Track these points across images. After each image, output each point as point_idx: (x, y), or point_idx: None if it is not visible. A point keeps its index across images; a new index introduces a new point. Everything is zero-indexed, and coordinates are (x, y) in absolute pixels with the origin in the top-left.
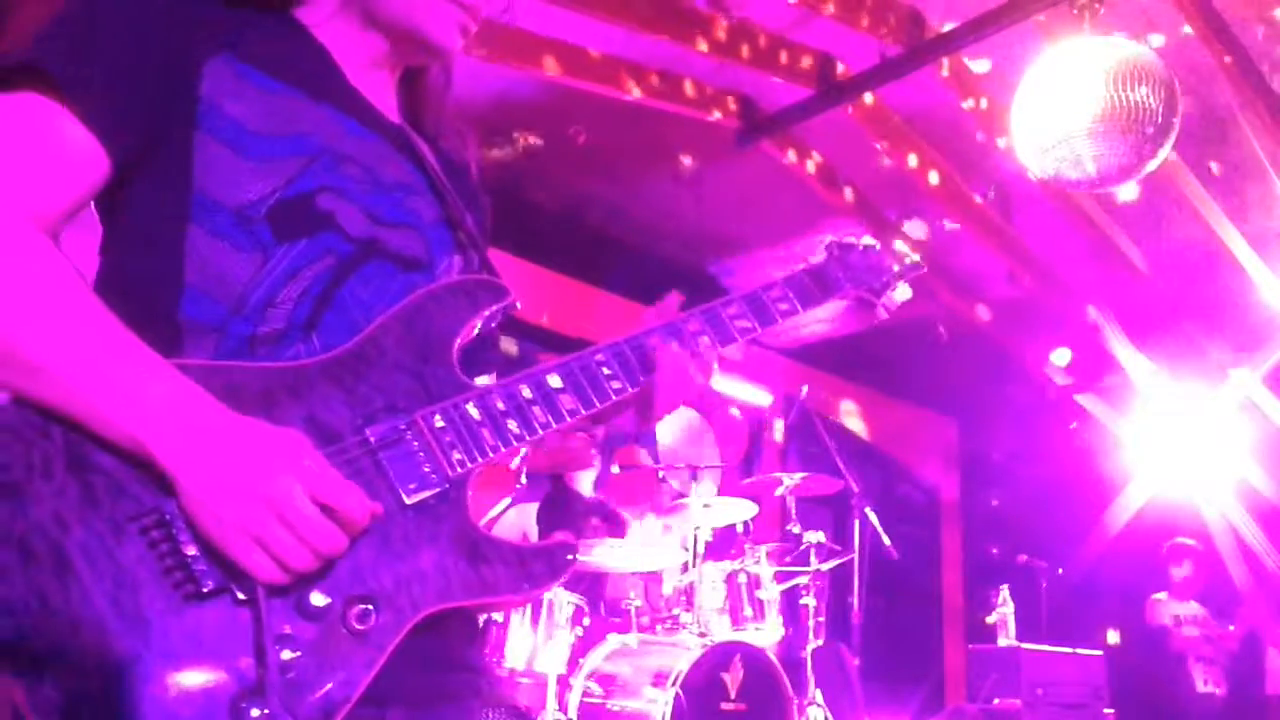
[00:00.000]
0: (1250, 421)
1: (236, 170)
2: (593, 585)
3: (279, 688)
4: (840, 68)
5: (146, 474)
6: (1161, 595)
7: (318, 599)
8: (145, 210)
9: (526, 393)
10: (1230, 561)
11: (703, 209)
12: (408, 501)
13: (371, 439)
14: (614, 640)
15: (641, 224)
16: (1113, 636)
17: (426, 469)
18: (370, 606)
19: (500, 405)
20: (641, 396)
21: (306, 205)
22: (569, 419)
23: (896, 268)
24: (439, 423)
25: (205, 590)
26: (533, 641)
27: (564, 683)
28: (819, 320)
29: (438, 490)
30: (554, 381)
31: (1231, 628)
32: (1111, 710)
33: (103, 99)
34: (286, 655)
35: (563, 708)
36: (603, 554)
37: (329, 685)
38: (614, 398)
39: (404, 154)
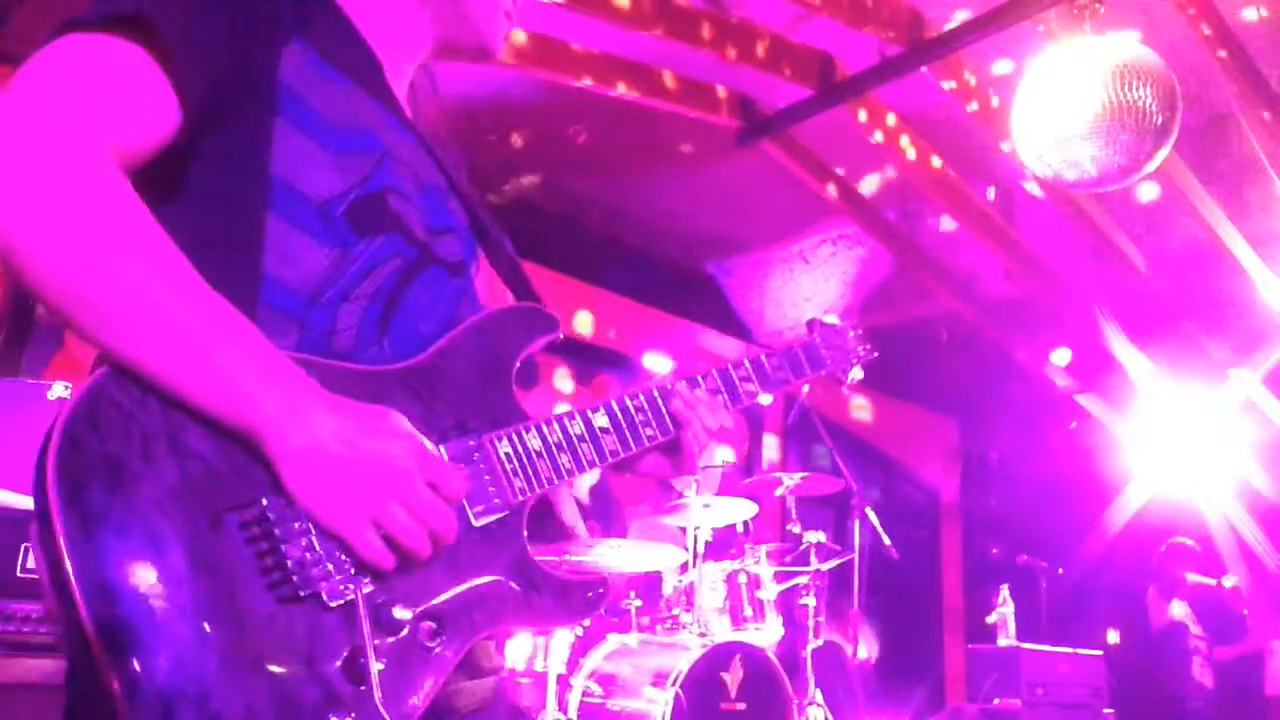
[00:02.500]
0: (1250, 421)
1: (318, 163)
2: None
3: (377, 701)
4: (840, 68)
5: (243, 462)
6: (1161, 591)
7: (400, 613)
8: (220, 194)
9: (577, 429)
10: (1230, 561)
11: (702, 209)
12: (475, 524)
13: (445, 456)
14: (614, 640)
15: (641, 224)
16: (1113, 636)
17: (492, 492)
18: (437, 624)
19: (555, 439)
20: (671, 445)
21: (380, 204)
22: (610, 459)
23: (861, 349)
24: (505, 449)
25: (302, 595)
26: (533, 641)
27: (564, 683)
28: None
29: (501, 515)
30: (601, 421)
31: (1245, 612)
32: (1111, 710)
33: (190, 56)
34: (375, 668)
35: (563, 708)
36: (603, 554)
37: (403, 700)
38: (646, 444)
39: (431, 157)
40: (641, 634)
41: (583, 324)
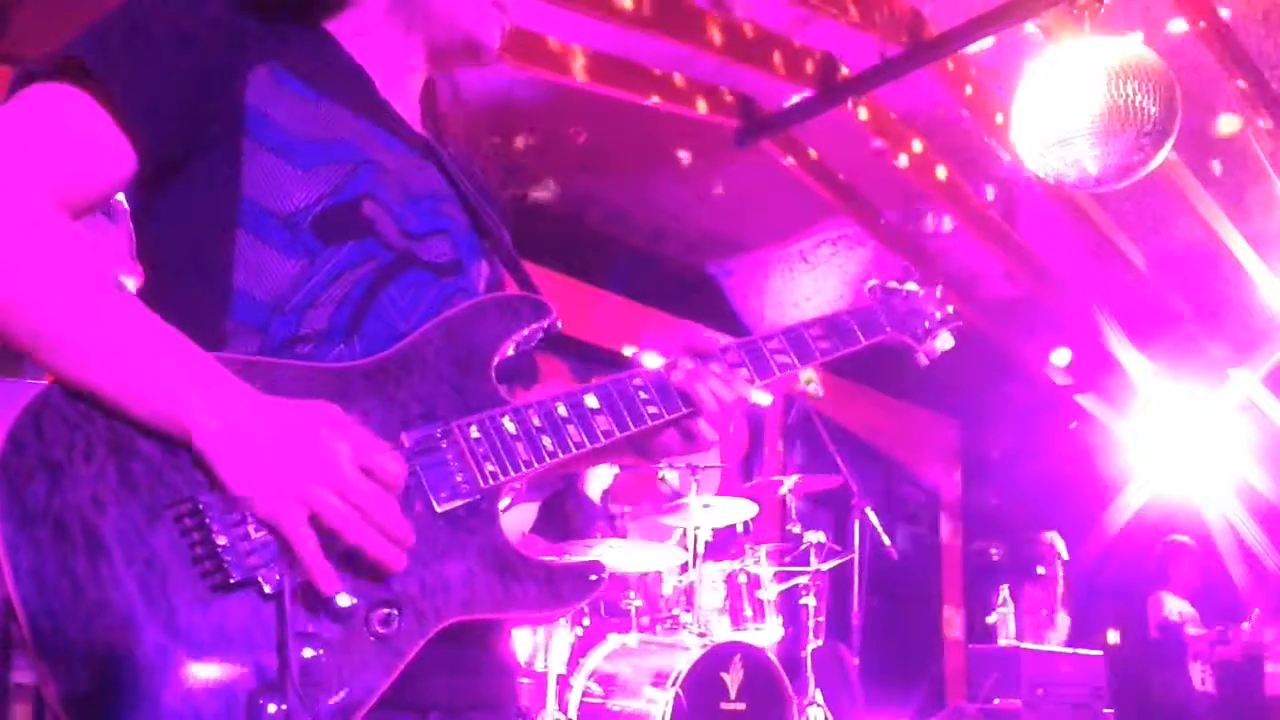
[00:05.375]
0: (1250, 421)
1: (285, 177)
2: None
3: (298, 685)
4: (840, 68)
5: (184, 463)
6: (1162, 593)
7: (343, 599)
8: (193, 218)
9: (562, 411)
10: (1230, 561)
11: (703, 209)
12: (438, 510)
13: (406, 444)
14: (614, 640)
15: (641, 224)
16: (1113, 636)
17: (459, 478)
18: (394, 611)
19: (536, 421)
20: (683, 423)
21: (352, 212)
22: (604, 440)
23: (938, 315)
24: (474, 434)
25: (232, 581)
26: (533, 641)
27: (564, 683)
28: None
29: (469, 501)
30: (591, 402)
31: (1246, 625)
32: (1111, 710)
33: (136, 97)
34: (308, 653)
35: (563, 708)
36: (602, 554)
37: (348, 687)
38: (649, 423)
39: (432, 164)
40: (641, 634)
41: (582, 324)
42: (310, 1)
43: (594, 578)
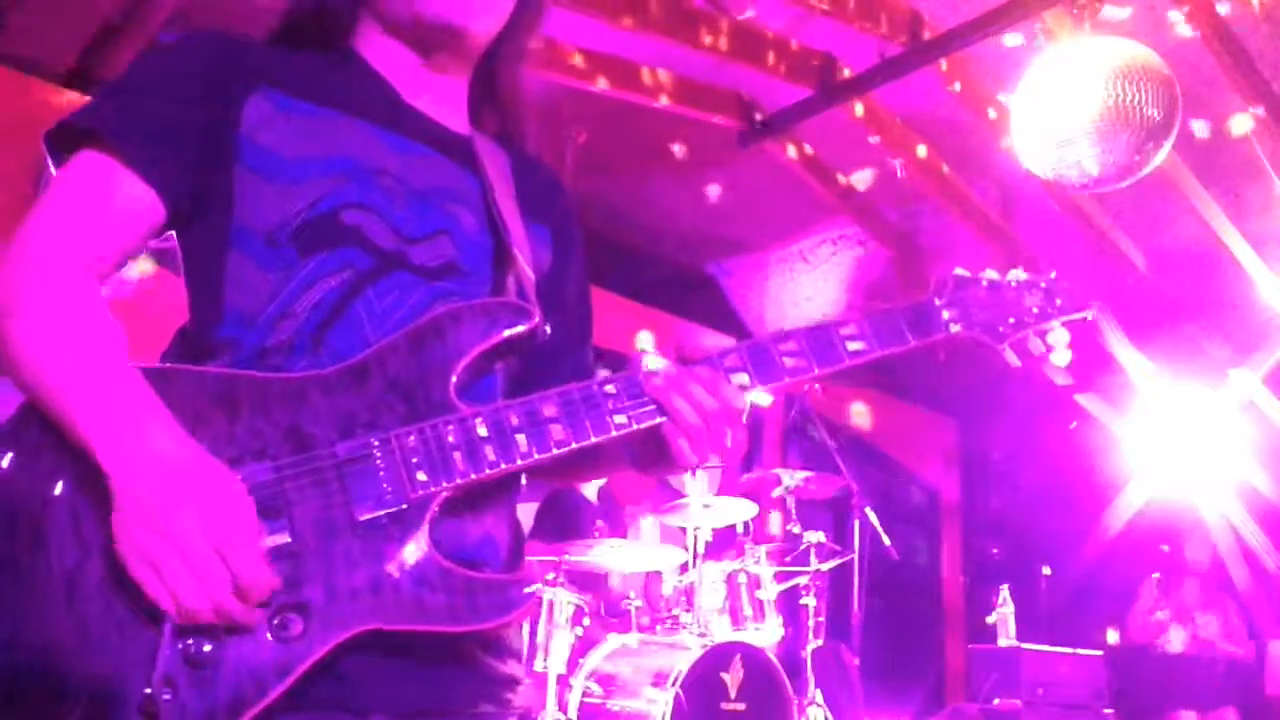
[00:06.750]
0: (1250, 421)
1: (267, 196)
2: (593, 585)
3: (175, 683)
4: (840, 68)
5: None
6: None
7: None
8: (200, 245)
9: (514, 419)
10: (1230, 561)
11: (703, 209)
12: (358, 519)
13: (339, 454)
14: (614, 640)
15: (641, 224)
16: (1113, 636)
17: (386, 488)
18: (295, 615)
19: (482, 431)
20: (659, 439)
21: (330, 222)
22: (557, 450)
23: (1036, 309)
24: (411, 442)
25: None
26: (532, 641)
27: (564, 683)
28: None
29: (393, 510)
30: (547, 410)
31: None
32: (1111, 710)
33: (154, 152)
34: (206, 649)
35: (563, 708)
36: (603, 554)
37: (241, 684)
38: (614, 433)
39: (459, 162)
40: (641, 634)
41: None
42: (325, 30)
43: (519, 593)
